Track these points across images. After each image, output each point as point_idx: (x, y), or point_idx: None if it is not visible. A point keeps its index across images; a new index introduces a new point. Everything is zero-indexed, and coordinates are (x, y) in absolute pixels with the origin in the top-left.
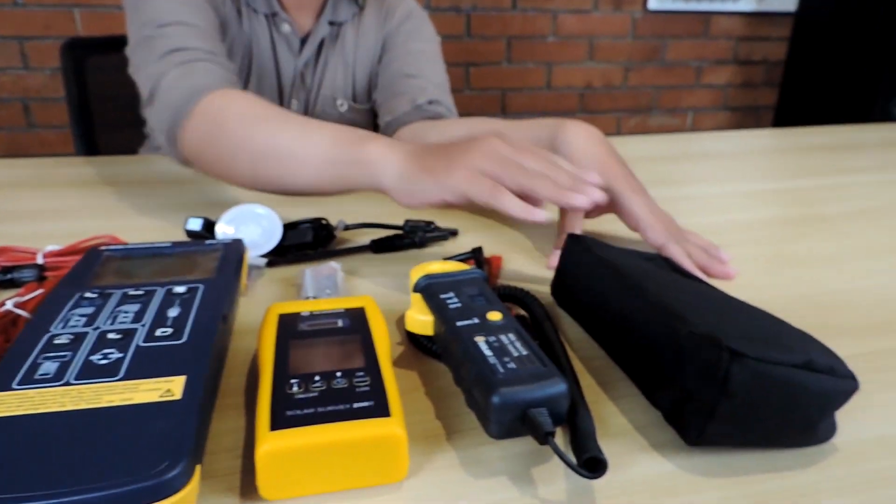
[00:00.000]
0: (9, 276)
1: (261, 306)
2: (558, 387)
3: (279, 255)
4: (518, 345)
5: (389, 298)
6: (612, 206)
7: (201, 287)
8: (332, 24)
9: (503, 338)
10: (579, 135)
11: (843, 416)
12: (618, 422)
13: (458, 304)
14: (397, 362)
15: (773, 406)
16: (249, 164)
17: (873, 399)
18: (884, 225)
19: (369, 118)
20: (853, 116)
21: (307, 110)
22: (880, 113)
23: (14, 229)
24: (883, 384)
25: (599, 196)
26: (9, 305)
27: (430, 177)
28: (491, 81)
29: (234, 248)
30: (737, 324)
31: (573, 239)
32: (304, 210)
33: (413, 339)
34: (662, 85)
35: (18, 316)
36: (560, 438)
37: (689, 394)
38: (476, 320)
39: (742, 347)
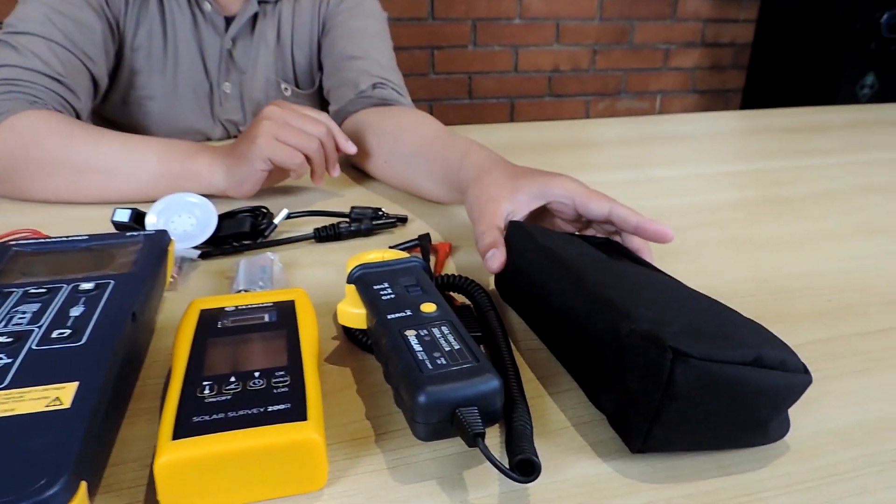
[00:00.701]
0: None
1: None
2: (490, 383)
3: (215, 246)
4: (451, 338)
5: (330, 290)
6: (545, 210)
7: (111, 283)
8: (262, 2)
9: (435, 331)
10: (480, 154)
11: (795, 407)
12: (559, 418)
13: (392, 296)
14: (330, 358)
15: (722, 406)
16: (69, 178)
17: (828, 388)
18: (845, 208)
19: (316, 103)
20: (820, 98)
21: (243, 94)
22: (846, 94)
23: None
24: (839, 373)
25: (350, 149)
26: None
27: (243, 161)
28: (456, 65)
29: (157, 240)
30: (682, 318)
31: (515, 226)
32: (242, 201)
33: (348, 333)
34: (630, 68)
35: None
36: (496, 437)
37: (633, 397)
38: (408, 312)
39: (686, 346)
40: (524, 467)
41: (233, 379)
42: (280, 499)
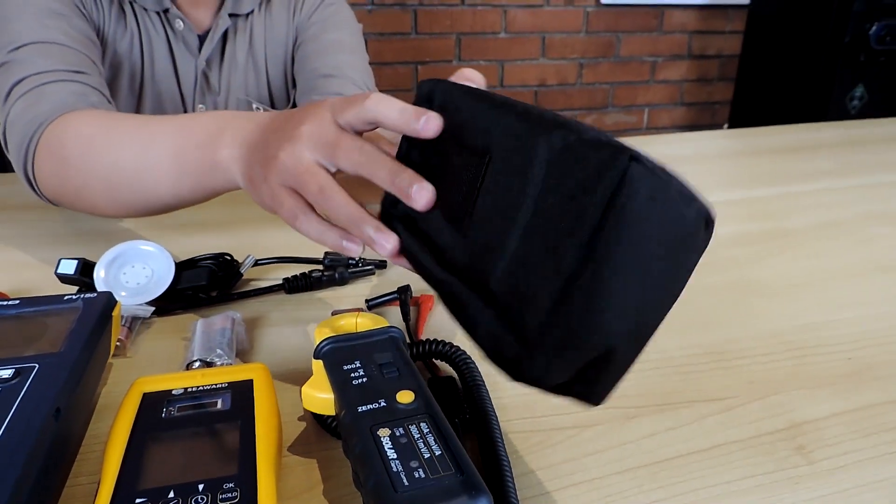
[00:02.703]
0: None
1: (142, 369)
2: (478, 503)
3: (172, 301)
4: (431, 440)
5: (300, 355)
6: None
7: (35, 368)
8: (233, 16)
9: (413, 429)
10: None
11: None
12: None
13: (364, 379)
14: (295, 446)
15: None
16: (105, 194)
17: (864, 476)
18: (852, 241)
19: None
20: (810, 111)
21: None
22: (836, 106)
23: None
24: (870, 455)
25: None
26: None
27: (254, 190)
28: None
29: (99, 305)
30: None
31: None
32: (206, 242)
33: (316, 417)
34: (617, 81)
35: None
36: None
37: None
38: (382, 403)
39: None
40: None
41: (172, 495)
42: None
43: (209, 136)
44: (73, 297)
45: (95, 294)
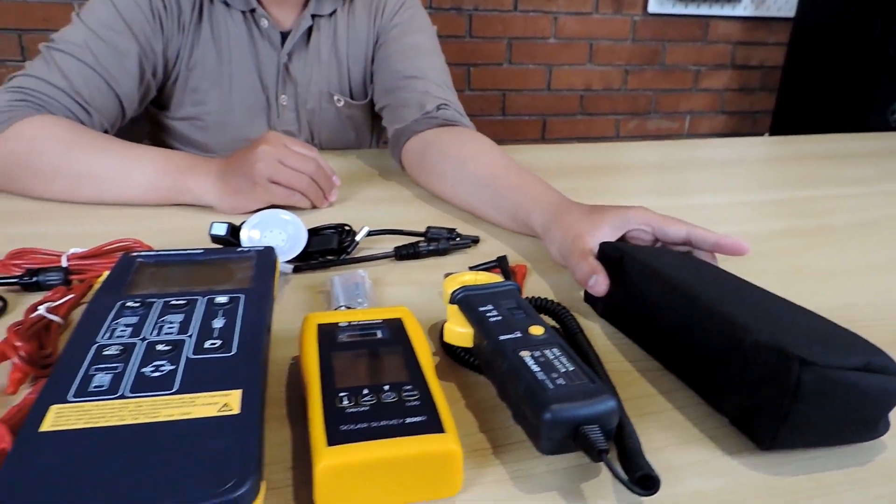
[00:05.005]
0: (34, 279)
1: (291, 314)
2: (608, 403)
3: (304, 261)
4: (563, 360)
5: (416, 308)
6: (623, 239)
7: (242, 297)
8: (316, 16)
9: (548, 353)
10: (552, 198)
11: None
12: (658, 437)
13: (499, 318)
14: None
15: (839, 407)
16: (65, 185)
17: None
18: (888, 237)
19: (367, 112)
20: (850, 123)
21: (298, 106)
22: (877, 120)
23: (28, 229)
24: None
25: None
26: (41, 311)
27: (242, 196)
28: (491, 82)
29: (267, 256)
30: (794, 329)
31: (607, 247)
32: (326, 215)
33: (449, 351)
34: (661, 88)
35: (51, 322)
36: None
37: (760, 402)
38: (518, 334)
39: (810, 356)
40: (644, 482)
41: (366, 391)
42: (418, 503)
43: (184, 167)
44: (246, 249)
45: (263, 247)
